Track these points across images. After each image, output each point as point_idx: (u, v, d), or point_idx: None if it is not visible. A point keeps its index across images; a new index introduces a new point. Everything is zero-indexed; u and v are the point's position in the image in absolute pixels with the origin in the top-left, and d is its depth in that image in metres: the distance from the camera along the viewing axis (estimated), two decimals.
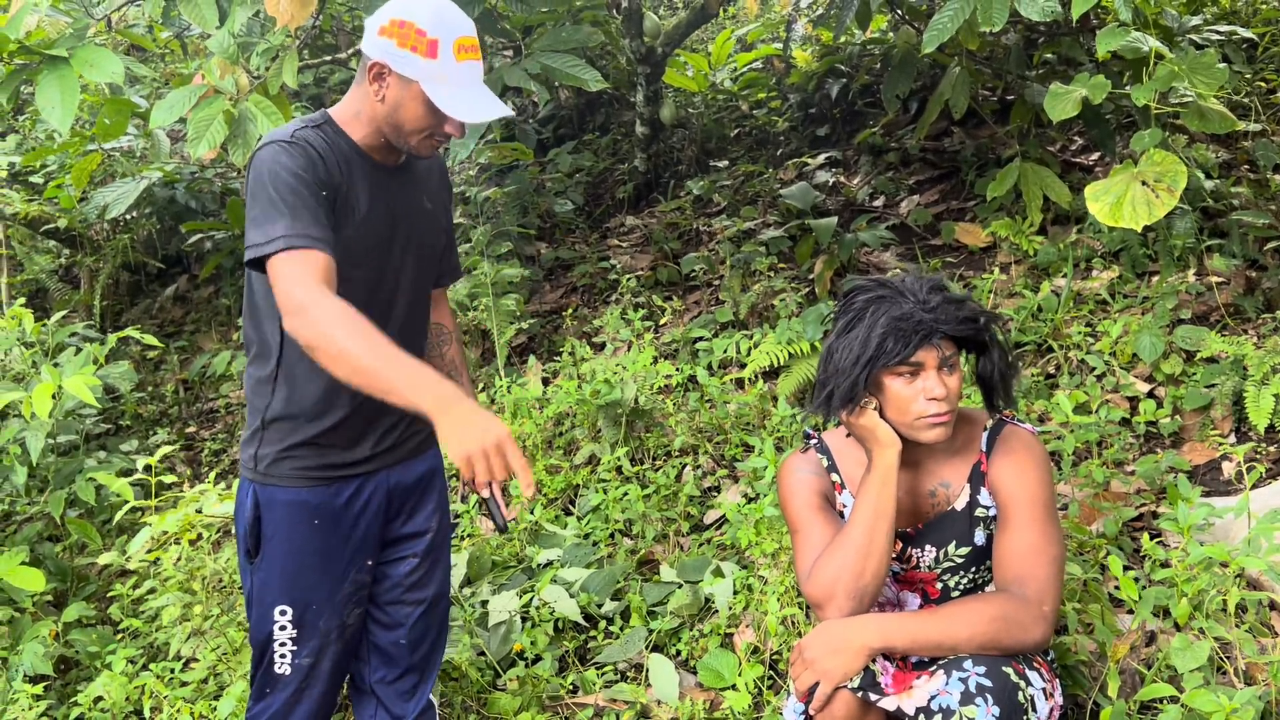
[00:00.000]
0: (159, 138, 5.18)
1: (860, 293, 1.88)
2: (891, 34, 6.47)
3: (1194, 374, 3.49)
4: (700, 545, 3.21)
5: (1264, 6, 5.59)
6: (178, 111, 3.32)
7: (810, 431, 2.14)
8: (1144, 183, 3.25)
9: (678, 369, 3.86)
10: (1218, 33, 4.76)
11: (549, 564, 3.28)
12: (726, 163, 6.05)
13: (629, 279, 4.66)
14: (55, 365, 3.59)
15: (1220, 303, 3.85)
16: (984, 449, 1.94)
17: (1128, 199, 3.26)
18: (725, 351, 4.08)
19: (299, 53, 3.42)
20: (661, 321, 4.47)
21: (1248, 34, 4.68)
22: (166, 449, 3.43)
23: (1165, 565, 2.25)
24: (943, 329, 1.80)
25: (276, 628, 2.09)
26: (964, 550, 1.94)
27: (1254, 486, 3.07)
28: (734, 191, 5.72)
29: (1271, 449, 3.22)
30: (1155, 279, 4.13)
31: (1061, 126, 5.63)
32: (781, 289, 4.48)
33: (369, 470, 2.14)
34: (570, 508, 3.67)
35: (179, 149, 6.08)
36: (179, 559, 2.92)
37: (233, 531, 3.19)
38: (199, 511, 2.91)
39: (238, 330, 6.03)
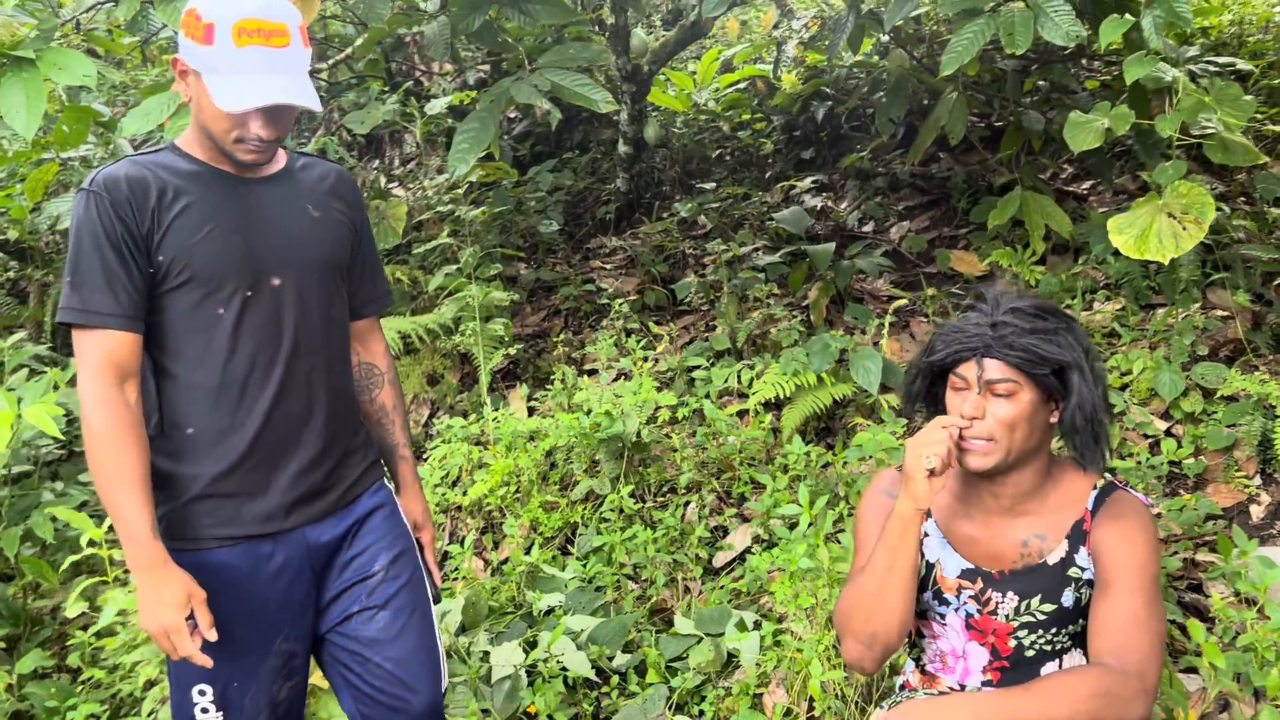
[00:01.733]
0: (122, 147, 4.90)
1: (974, 298, 1.85)
2: (878, 57, 6.40)
3: (1214, 412, 3.40)
4: (713, 590, 3.03)
5: (1250, 39, 5.59)
6: (154, 119, 3.09)
7: None
8: (1170, 215, 3.16)
9: (683, 401, 3.69)
10: (1216, 64, 4.73)
11: (550, 610, 3.08)
12: (713, 184, 5.91)
13: (621, 304, 4.48)
14: (10, 390, 3.32)
15: (1237, 337, 3.77)
16: (1090, 508, 1.80)
17: (1153, 231, 3.17)
18: (726, 382, 3.91)
19: None
20: (659, 349, 4.29)
21: (1246, 66, 4.65)
22: None
23: (1238, 630, 2.12)
24: (991, 349, 1.72)
25: (198, 710, 1.87)
26: (1049, 607, 1.79)
27: None
28: (720, 214, 5.57)
29: None
30: (1160, 311, 4.05)
31: (1053, 154, 5.58)
32: (778, 317, 4.33)
33: (285, 528, 1.90)
34: (568, 547, 3.48)
35: None
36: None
37: None
38: None
39: None
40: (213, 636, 1.77)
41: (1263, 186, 4.50)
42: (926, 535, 1.88)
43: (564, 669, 2.72)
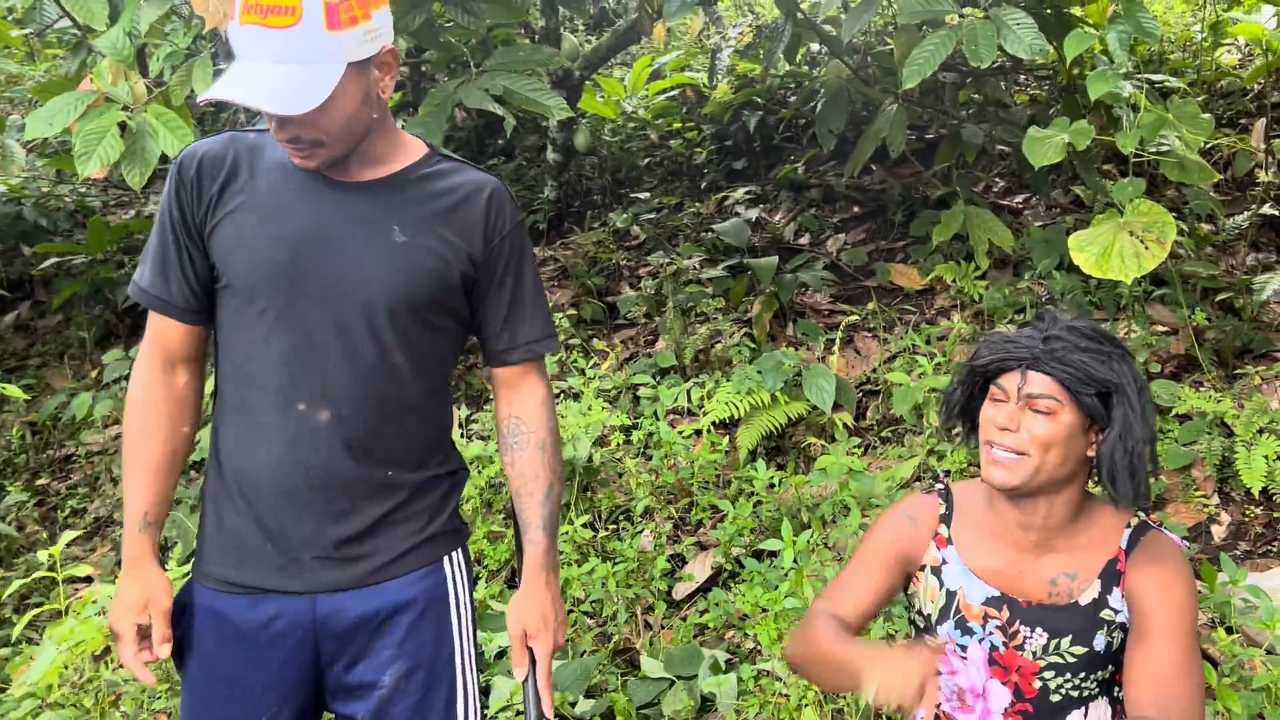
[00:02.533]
0: (10, 148, 4.51)
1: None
2: (807, 67, 6.34)
3: (1170, 431, 3.38)
4: (678, 626, 2.87)
5: (1171, 56, 5.70)
6: (60, 122, 2.78)
7: (941, 474, 1.91)
8: (1132, 233, 3.12)
9: (636, 423, 3.52)
10: (1148, 81, 4.78)
11: (502, 652, 2.87)
12: (646, 194, 5.76)
13: (561, 319, 4.29)
14: None
15: (1180, 353, 3.78)
16: (1124, 547, 1.69)
17: (1115, 250, 3.12)
18: (675, 400, 3.76)
19: (212, 59, 2.93)
20: (603, 367, 4.11)
21: (1176, 83, 4.71)
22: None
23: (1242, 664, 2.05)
24: (1039, 363, 1.63)
25: None
26: (1079, 650, 1.67)
27: (1254, 554, 2.95)
28: (655, 225, 5.43)
29: (1258, 510, 3.12)
30: (1104, 327, 4.04)
31: (986, 167, 5.59)
32: (724, 331, 4.20)
33: (288, 589, 1.65)
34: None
35: (33, 161, 5.36)
36: (66, 668, 2.38)
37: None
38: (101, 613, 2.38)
39: (95, 367, 5.34)
40: (163, 654, 1.63)
41: (1196, 203, 4.56)
42: (946, 563, 1.77)
43: (519, 715, 2.52)
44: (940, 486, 1.86)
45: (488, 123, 6.61)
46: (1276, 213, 4.27)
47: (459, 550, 1.76)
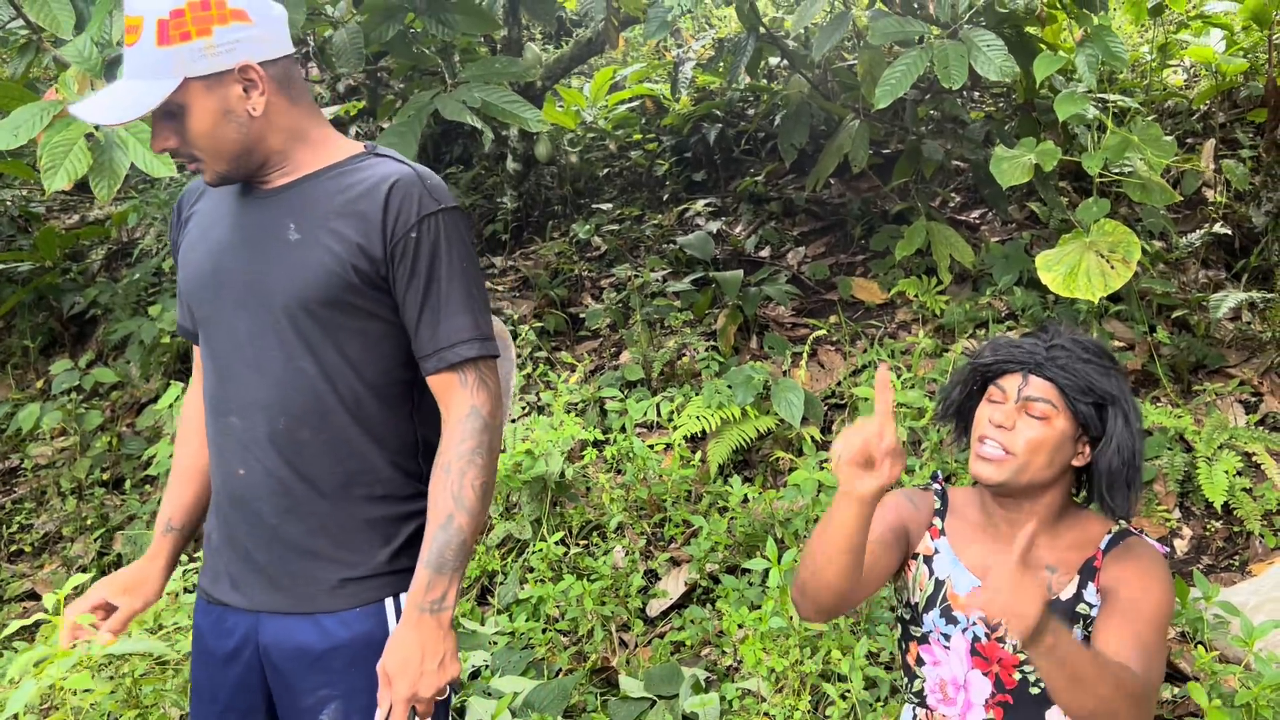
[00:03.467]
0: None
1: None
2: (766, 80, 6.38)
3: None
4: (654, 644, 2.85)
5: (1120, 76, 5.84)
6: (25, 134, 2.69)
7: (938, 474, 1.97)
8: (1098, 253, 3.19)
9: (609, 439, 3.50)
10: (1103, 101, 4.88)
11: (476, 672, 2.84)
12: (608, 205, 5.75)
13: (527, 331, 4.26)
14: None
15: (1136, 368, 3.86)
16: (1102, 549, 1.76)
17: (1082, 269, 3.19)
18: (645, 414, 3.75)
19: None
20: (571, 380, 4.09)
21: (1130, 103, 4.82)
22: None
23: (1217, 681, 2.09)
24: (1042, 368, 1.70)
25: None
26: None
27: (1217, 568, 3.02)
28: (617, 236, 5.42)
29: (1218, 525, 3.20)
30: (1104, 344, 4.12)
31: (943, 182, 5.67)
32: (693, 345, 4.20)
33: (237, 604, 1.63)
34: (487, 598, 3.24)
35: None
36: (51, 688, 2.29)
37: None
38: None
39: (40, 376, 5.19)
40: (101, 639, 1.71)
41: (1149, 221, 4.67)
42: (938, 552, 1.84)
43: None
44: (937, 486, 1.92)
45: (444, 130, 6.55)
46: (1227, 232, 4.38)
47: (383, 597, 1.62)
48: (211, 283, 1.62)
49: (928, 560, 1.83)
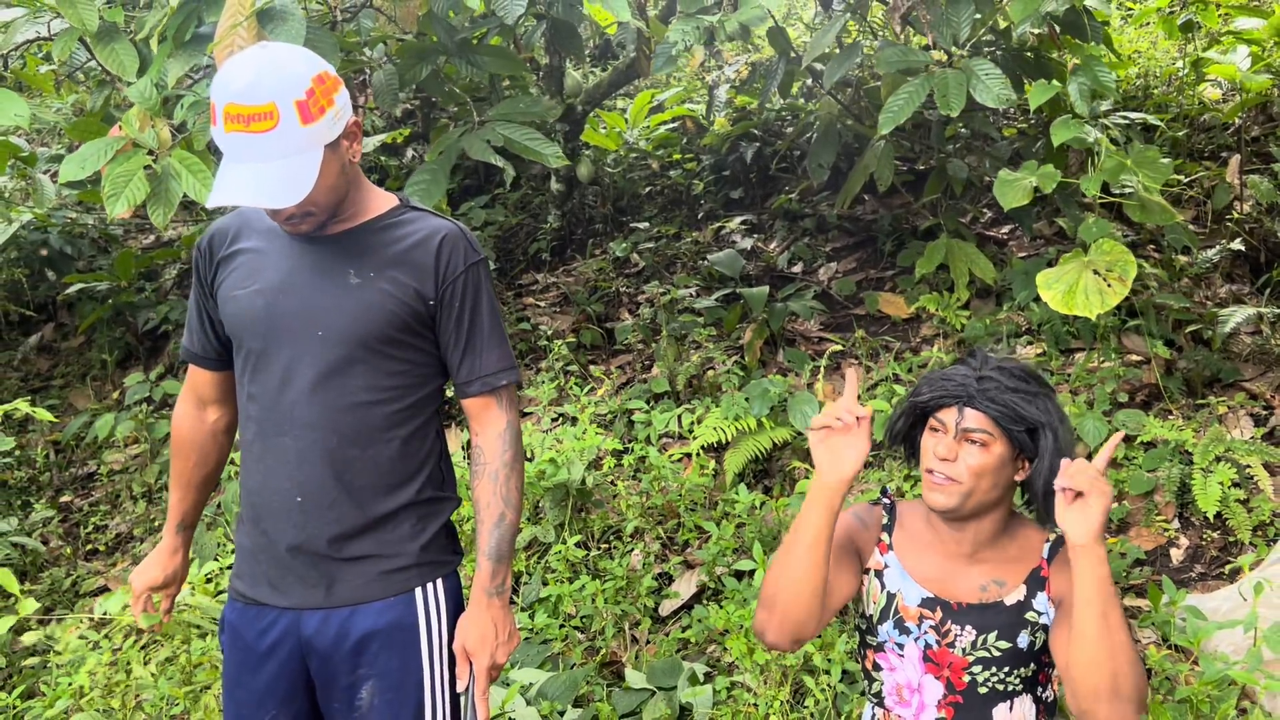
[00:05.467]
0: (41, 181, 4.75)
1: (966, 354, 1.99)
2: (803, 100, 6.55)
3: (1135, 458, 3.55)
4: (662, 640, 3.05)
5: (1156, 91, 5.89)
6: (91, 166, 3.00)
7: (887, 490, 2.13)
8: (1096, 272, 3.31)
9: (627, 448, 3.71)
10: (1126, 118, 4.96)
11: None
12: (645, 223, 5.96)
13: (560, 345, 4.49)
14: None
15: (1152, 382, 3.95)
16: (1045, 557, 1.91)
17: (1080, 287, 3.31)
18: (667, 425, 3.95)
19: None
20: (599, 392, 4.31)
21: (1153, 120, 4.90)
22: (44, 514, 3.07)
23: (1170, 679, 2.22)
24: (974, 400, 1.84)
25: None
26: (1004, 645, 1.89)
27: (1209, 576, 3.12)
28: (654, 253, 5.63)
29: (1215, 535, 3.29)
30: (1080, 356, 4.22)
31: (974, 199, 5.78)
32: (716, 360, 4.39)
33: (276, 604, 1.87)
34: (513, 597, 3.46)
35: (60, 191, 5.60)
36: (94, 670, 2.58)
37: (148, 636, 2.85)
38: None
39: (116, 388, 5.57)
40: (156, 618, 2.09)
41: (1171, 237, 4.73)
42: (887, 567, 1.97)
43: None
44: (886, 501, 2.07)
45: (499, 155, 6.83)
46: (1242, 248, 4.44)
47: (437, 581, 1.90)
48: (265, 318, 1.83)
49: (879, 574, 1.97)
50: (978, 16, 3.64)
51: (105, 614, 2.74)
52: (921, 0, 3.45)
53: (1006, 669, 1.88)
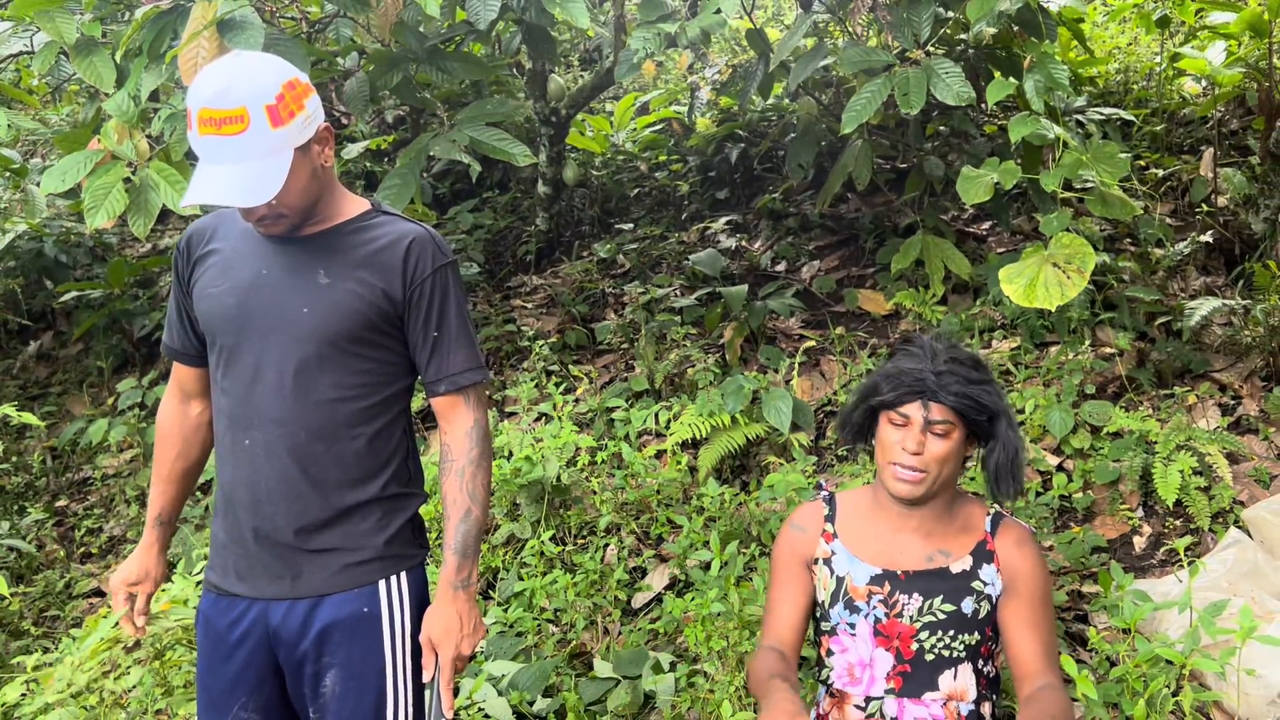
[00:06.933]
0: (33, 192, 4.85)
1: (902, 342, 2.07)
2: (788, 101, 6.61)
3: (1101, 448, 3.61)
4: (631, 632, 3.12)
5: (1135, 87, 5.93)
6: (71, 178, 3.10)
7: (823, 484, 2.24)
8: (1055, 265, 3.36)
9: (602, 445, 3.79)
10: (1101, 114, 5.02)
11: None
12: (631, 225, 6.04)
13: (542, 346, 4.56)
14: None
15: (1120, 374, 4.00)
16: (988, 530, 2.04)
17: (1040, 280, 3.37)
18: (644, 423, 4.02)
19: None
20: (579, 391, 4.39)
21: (1127, 115, 4.95)
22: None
23: (1112, 661, 2.28)
24: (937, 394, 1.95)
25: None
26: (949, 608, 1.99)
27: (1169, 563, 3.18)
28: (639, 254, 5.71)
29: (1178, 523, 3.35)
30: (1054, 349, 4.27)
31: (954, 196, 5.83)
32: (695, 358, 4.46)
33: (246, 594, 1.94)
34: (489, 592, 3.53)
35: (53, 201, 5.71)
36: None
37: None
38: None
39: (111, 394, 5.66)
40: (137, 624, 2.14)
41: (1146, 230, 4.78)
42: (834, 554, 2.08)
43: (486, 716, 2.78)
44: (824, 493, 2.17)
45: (483, 158, 6.92)
46: (1210, 240, 4.49)
47: (401, 574, 1.97)
48: (237, 315, 1.90)
49: (827, 562, 2.08)
50: (951, 15, 3.71)
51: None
52: (883, 1, 3.52)
53: (952, 633, 1.98)
